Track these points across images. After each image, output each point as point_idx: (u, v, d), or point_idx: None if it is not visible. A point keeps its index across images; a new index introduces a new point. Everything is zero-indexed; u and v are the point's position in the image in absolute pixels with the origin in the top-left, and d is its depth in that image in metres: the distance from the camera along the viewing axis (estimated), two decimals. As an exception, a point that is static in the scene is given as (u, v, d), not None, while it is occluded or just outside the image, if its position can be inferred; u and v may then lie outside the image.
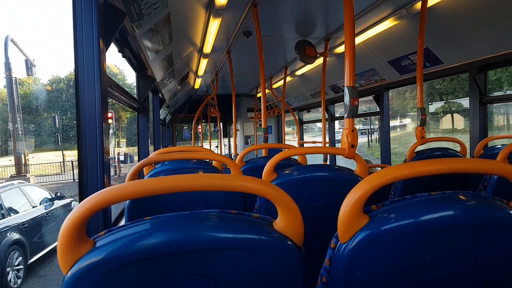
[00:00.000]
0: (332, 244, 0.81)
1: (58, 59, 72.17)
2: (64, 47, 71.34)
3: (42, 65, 65.23)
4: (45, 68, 72.22)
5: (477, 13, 2.55)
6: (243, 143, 8.97)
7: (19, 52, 18.27)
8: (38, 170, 21.82)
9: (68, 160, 23.11)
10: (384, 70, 3.85)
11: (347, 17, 1.84)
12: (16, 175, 18.11)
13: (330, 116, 5.91)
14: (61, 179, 20.77)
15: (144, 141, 3.52)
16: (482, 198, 0.82)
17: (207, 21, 3.13)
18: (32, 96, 37.05)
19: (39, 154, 30.95)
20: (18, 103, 18.25)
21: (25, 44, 64.49)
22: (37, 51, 65.11)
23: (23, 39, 57.45)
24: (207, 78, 6.33)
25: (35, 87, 38.09)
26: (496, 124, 12.30)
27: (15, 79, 17.92)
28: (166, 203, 1.56)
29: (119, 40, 2.54)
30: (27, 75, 17.62)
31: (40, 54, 65.07)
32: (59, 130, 25.77)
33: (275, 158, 1.57)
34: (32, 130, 34.70)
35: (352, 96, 1.82)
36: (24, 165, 19.14)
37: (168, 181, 0.72)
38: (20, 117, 18.62)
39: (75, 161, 23.22)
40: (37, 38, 66.63)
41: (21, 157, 18.58)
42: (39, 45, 65.08)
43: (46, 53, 66.13)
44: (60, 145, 24.74)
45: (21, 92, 36.10)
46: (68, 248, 0.68)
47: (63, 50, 71.89)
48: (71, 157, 26.46)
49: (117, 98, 2.33)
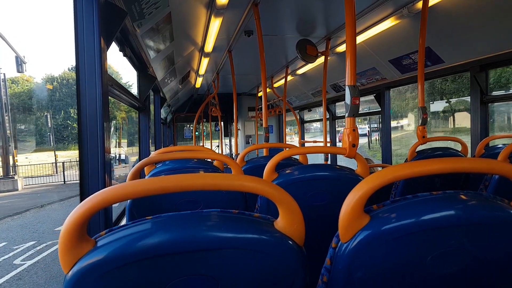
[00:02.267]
0: (333, 244, 0.81)
1: (52, 57, 72.10)
2: (58, 45, 71.27)
3: (35, 64, 64.69)
4: (38, 66, 71.79)
5: (478, 12, 2.55)
6: (244, 142, 8.97)
7: (10, 50, 17.68)
8: (29, 172, 21.05)
9: (61, 161, 22.36)
10: (385, 69, 3.84)
11: (348, 16, 1.84)
12: (3, 176, 17.51)
13: (331, 115, 5.91)
14: (52, 181, 20.05)
15: (145, 140, 3.53)
16: (483, 198, 0.82)
17: (208, 20, 3.13)
18: (25, 95, 36.61)
19: (32, 155, 30.27)
20: (7, 101, 17.69)
21: (17, 41, 63.48)
22: (30, 50, 64.74)
23: (14, 37, 56.84)
24: (208, 77, 6.33)
25: (29, 85, 37.64)
26: (497, 125, 12.25)
27: (3, 76, 17.44)
28: (167, 202, 1.56)
29: (120, 39, 2.54)
30: (17, 72, 17.08)
31: (33, 53, 64.64)
32: (52, 130, 25.22)
33: (276, 158, 1.57)
34: (25, 129, 34.17)
35: (353, 95, 1.82)
36: (13, 166, 18.28)
37: (169, 181, 0.72)
38: (9, 116, 17.98)
39: (67, 162, 22.48)
40: (30, 36, 66.23)
41: (9, 157, 17.76)
42: (32, 43, 64.68)
43: (40, 51, 65.75)
44: (53, 145, 24.05)
45: (16, 91, 35.67)
46: (69, 248, 0.68)
47: (57, 48, 71.93)
48: (64, 157, 25.65)
49: (118, 97, 2.33)
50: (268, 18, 3.19)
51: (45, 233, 9.65)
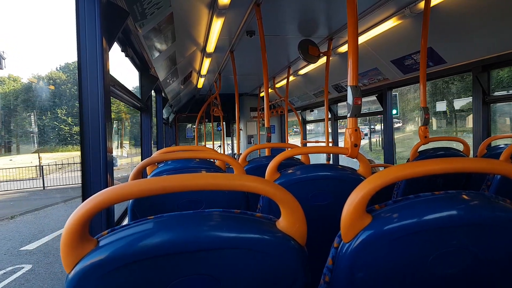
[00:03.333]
0: (335, 244, 0.81)
1: (39, 57, 70.98)
2: (45, 44, 70.09)
3: (21, 63, 62.97)
4: (25, 66, 70.64)
5: (481, 12, 2.54)
6: (246, 142, 8.97)
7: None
8: (12, 175, 19.64)
9: (46, 164, 21.17)
10: (387, 69, 3.84)
11: (350, 16, 1.84)
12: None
13: (333, 116, 5.90)
14: (31, 186, 18.30)
15: (147, 140, 3.53)
16: (485, 198, 0.82)
17: (210, 20, 3.13)
18: (11, 95, 35.75)
19: (17, 157, 28.67)
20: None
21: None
22: (15, 48, 63.56)
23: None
24: (210, 78, 6.33)
25: (15, 85, 36.94)
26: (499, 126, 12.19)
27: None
28: (169, 202, 1.57)
29: (122, 40, 2.55)
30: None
31: (19, 52, 63.31)
32: (36, 131, 24.20)
33: (278, 158, 1.57)
34: (13, 130, 33.15)
35: (355, 95, 1.82)
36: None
37: (171, 181, 0.72)
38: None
39: (52, 164, 21.60)
40: (16, 34, 64.86)
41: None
42: (18, 41, 63.42)
43: (26, 51, 64.57)
44: (36, 147, 22.89)
45: (2, 91, 34.89)
46: (71, 247, 0.68)
47: (44, 47, 70.58)
48: (50, 160, 24.57)
49: (120, 97, 2.34)
50: (270, 18, 3.19)
51: (7, 254, 7.83)
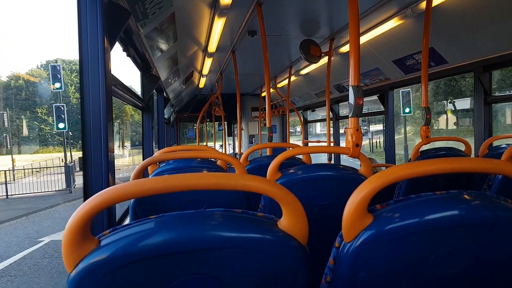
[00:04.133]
0: (337, 244, 0.81)
1: (18, 55, 68.70)
2: (25, 42, 68.34)
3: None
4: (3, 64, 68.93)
5: (482, 13, 2.54)
6: (247, 142, 8.98)
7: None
8: None
9: (21, 167, 19.57)
10: (389, 69, 3.83)
11: (351, 16, 1.84)
12: None
13: (334, 116, 5.90)
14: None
15: (149, 140, 3.54)
16: (486, 198, 0.82)
17: (212, 20, 3.13)
18: None
19: None
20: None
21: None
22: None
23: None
24: (212, 77, 6.34)
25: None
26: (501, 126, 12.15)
27: None
28: (171, 202, 1.57)
29: (123, 39, 2.55)
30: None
31: None
32: (9, 131, 22.89)
33: (280, 157, 1.57)
34: None
35: (357, 95, 1.83)
36: None
37: (173, 180, 0.72)
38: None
39: (29, 168, 19.86)
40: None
41: None
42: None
43: (5, 49, 62.61)
44: (9, 148, 21.24)
45: None
46: (73, 247, 0.68)
47: (24, 46, 68.53)
48: (27, 162, 23.10)
49: (122, 97, 2.34)
50: (271, 18, 3.19)
51: None
